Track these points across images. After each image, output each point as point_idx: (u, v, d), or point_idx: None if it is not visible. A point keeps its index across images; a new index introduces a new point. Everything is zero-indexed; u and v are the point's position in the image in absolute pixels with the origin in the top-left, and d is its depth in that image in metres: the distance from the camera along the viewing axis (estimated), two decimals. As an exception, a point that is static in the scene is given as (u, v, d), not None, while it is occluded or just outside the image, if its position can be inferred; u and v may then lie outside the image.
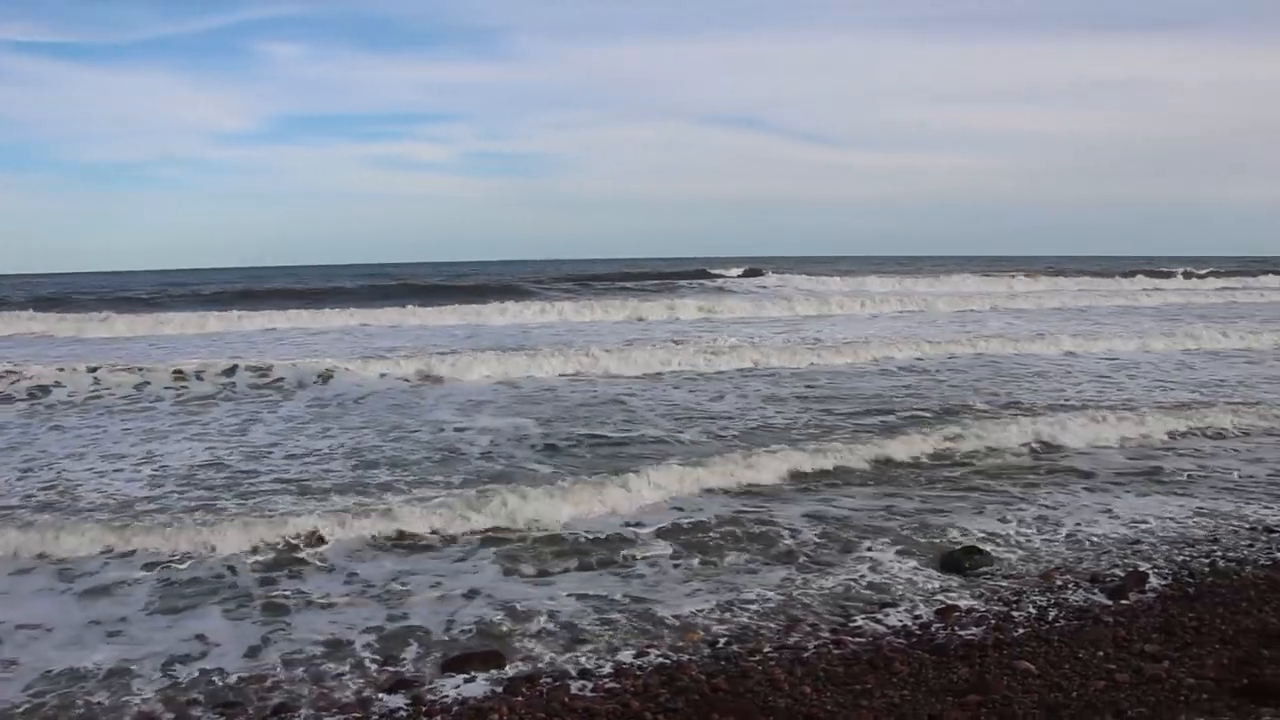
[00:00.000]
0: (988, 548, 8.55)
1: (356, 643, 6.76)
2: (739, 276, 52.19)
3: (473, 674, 6.24)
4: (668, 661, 6.38)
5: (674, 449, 12.26)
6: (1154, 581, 7.70)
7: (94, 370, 17.68)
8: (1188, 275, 59.87)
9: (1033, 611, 7.12)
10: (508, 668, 6.37)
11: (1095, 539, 8.98)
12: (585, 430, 13.47)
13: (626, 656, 6.50)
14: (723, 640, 6.75)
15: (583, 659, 6.49)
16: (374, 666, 6.43)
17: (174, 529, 8.69)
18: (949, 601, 7.37)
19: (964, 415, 14.33)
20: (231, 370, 17.95)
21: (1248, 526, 9.31)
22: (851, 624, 6.98)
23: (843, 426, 13.64)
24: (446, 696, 5.95)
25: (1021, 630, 6.74)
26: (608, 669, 6.31)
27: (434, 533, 8.92)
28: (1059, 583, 7.77)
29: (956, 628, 6.82)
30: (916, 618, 7.08)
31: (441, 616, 7.20)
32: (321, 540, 8.60)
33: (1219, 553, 8.48)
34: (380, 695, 6.01)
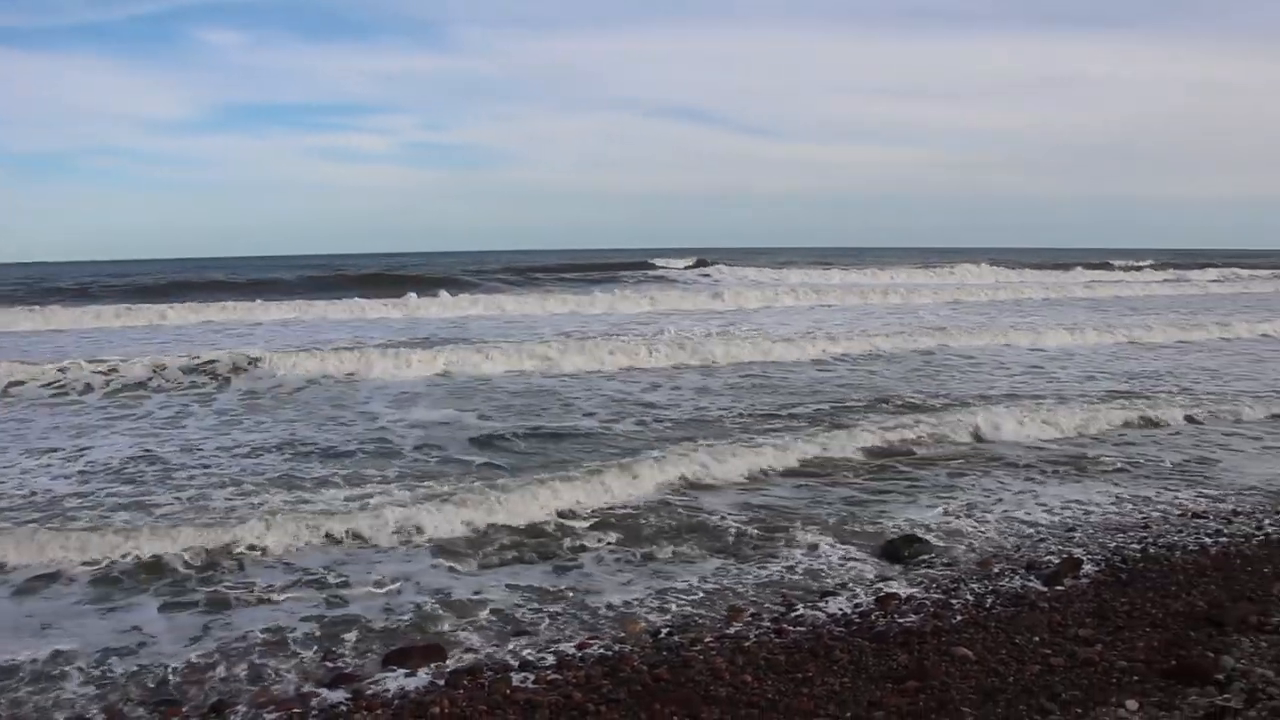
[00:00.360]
0: (926, 536, 8.66)
1: (296, 637, 6.66)
2: (683, 269, 52.22)
3: (413, 667, 6.17)
4: (609, 652, 6.36)
5: (610, 440, 12.25)
6: (1088, 568, 7.84)
7: (18, 364, 17.17)
8: (1126, 268, 61.26)
9: (970, 598, 7.22)
10: (449, 660, 6.32)
11: (1030, 527, 9.13)
12: (521, 422, 13.40)
13: (568, 648, 6.48)
14: (664, 630, 6.75)
15: (524, 651, 6.46)
16: (314, 661, 6.34)
17: (106, 533, 8.43)
18: (889, 590, 7.44)
19: (898, 406, 14.52)
20: (162, 366, 17.49)
21: (1177, 513, 9.52)
22: (793, 613, 7.02)
23: (777, 416, 13.73)
24: (387, 690, 5.88)
25: (960, 617, 6.83)
26: (549, 660, 6.28)
27: (369, 530, 8.78)
28: (996, 570, 7.89)
29: (896, 615, 6.89)
30: (856, 606, 7.14)
31: (381, 611, 7.12)
32: (260, 537, 8.44)
33: (1150, 539, 8.66)
34: (320, 690, 5.93)
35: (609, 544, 8.59)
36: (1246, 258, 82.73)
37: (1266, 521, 9.16)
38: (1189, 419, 13.91)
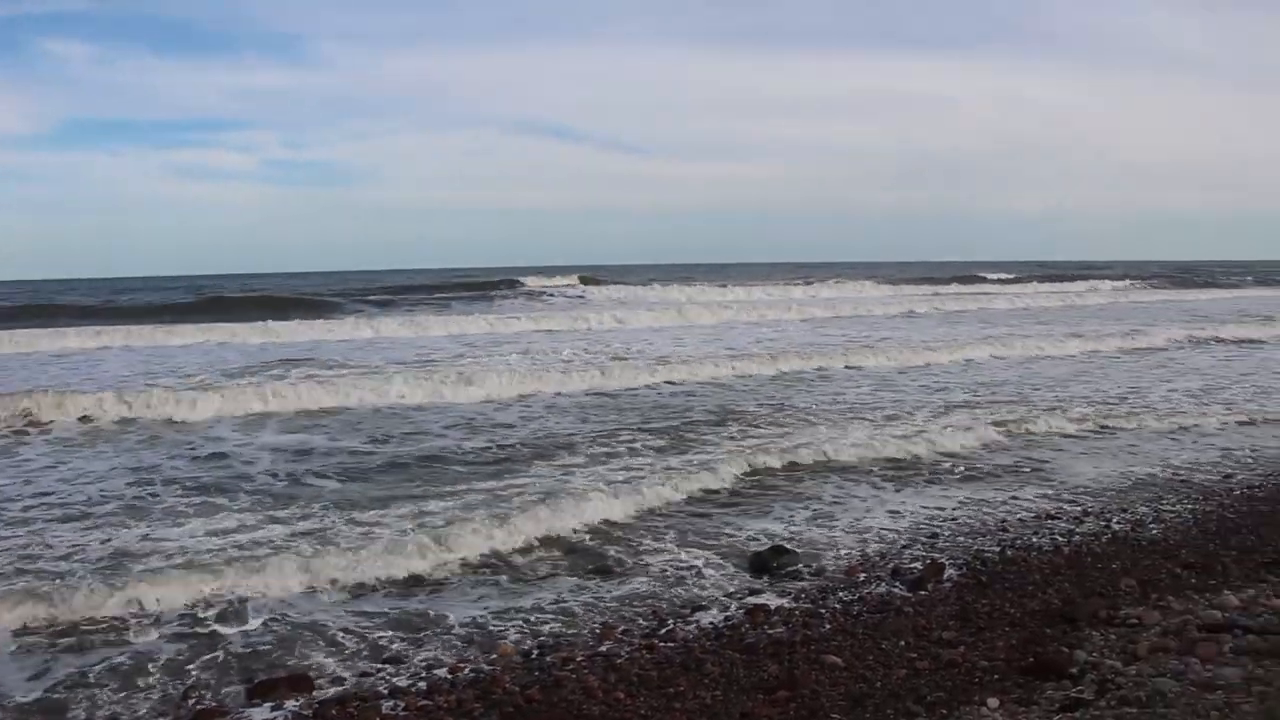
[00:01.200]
0: (793, 548, 8.75)
1: (153, 673, 6.34)
2: (552, 286, 52.11)
3: (280, 699, 5.94)
4: (481, 675, 6.24)
5: (466, 464, 12.10)
6: (950, 572, 8.05)
7: None
8: (999, 280, 63.86)
9: (838, 607, 7.32)
10: (316, 691, 6.10)
11: (893, 534, 9.33)
12: (370, 448, 13.15)
13: (440, 673, 6.33)
14: (536, 650, 6.66)
15: (394, 678, 6.29)
16: (173, 699, 6.03)
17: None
18: (758, 602, 7.49)
19: (748, 422, 14.77)
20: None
21: (1031, 515, 9.87)
22: (663, 628, 7.00)
23: (628, 438, 13.71)
24: (250, 725, 5.64)
25: (828, 625, 6.92)
26: (420, 686, 6.12)
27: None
28: (862, 578, 8.03)
29: (766, 626, 6.94)
30: (727, 619, 7.17)
31: (244, 644, 6.84)
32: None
33: (1008, 541, 8.95)
34: (180, 729, 5.65)
35: (474, 565, 8.44)
36: (1097, 269, 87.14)
37: (1114, 520, 9.57)
38: (1033, 430, 14.40)
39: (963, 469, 11.98)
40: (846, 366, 21.79)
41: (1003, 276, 68.39)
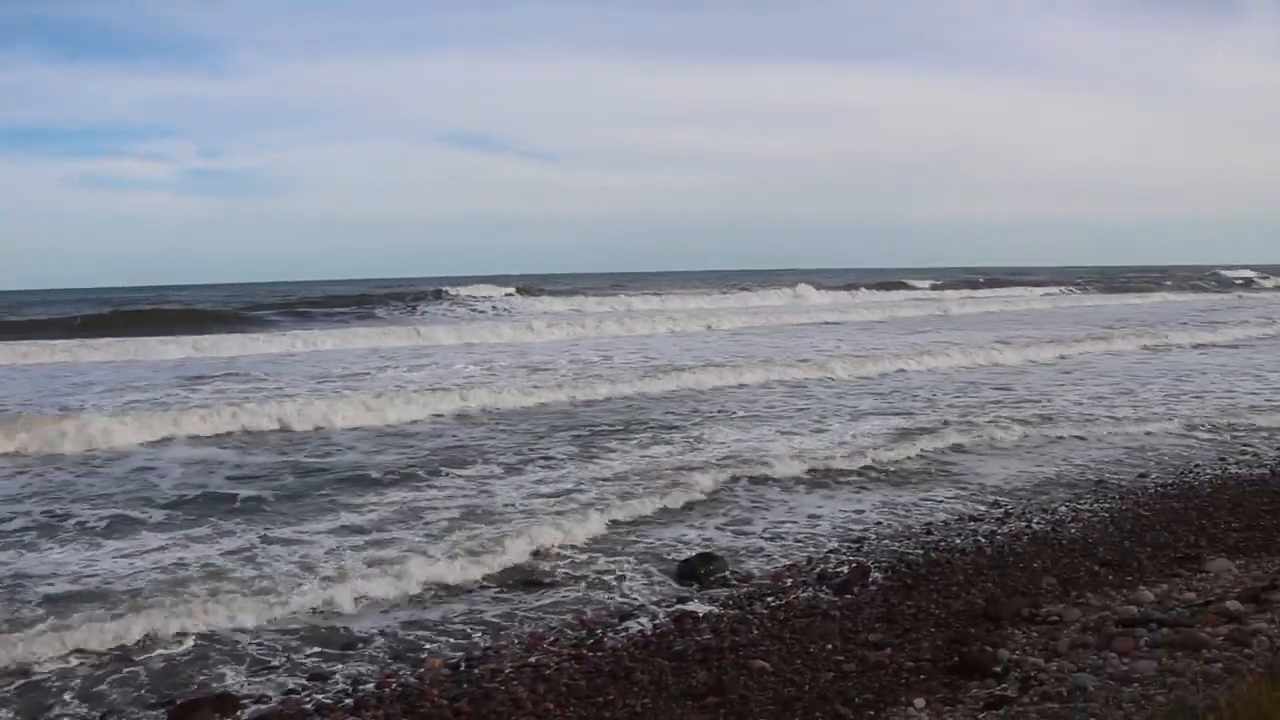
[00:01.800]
0: (721, 555, 8.76)
1: (68, 699, 6.12)
2: (475, 297, 51.30)
3: (201, 722, 5.78)
4: (408, 689, 6.14)
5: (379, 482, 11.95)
6: (876, 575, 8.13)
7: None
8: (932, 288, 65.12)
9: (765, 612, 7.35)
10: (240, 712, 5.95)
11: (819, 539, 9.39)
12: (283, 466, 12.91)
13: (367, 688, 6.23)
14: (464, 663, 6.57)
15: (319, 694, 6.17)
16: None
17: None
18: (686, 609, 7.48)
19: (658, 428, 14.85)
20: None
21: (955, 517, 10.02)
22: (592, 638, 6.96)
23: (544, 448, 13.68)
24: (165, 750, 5.47)
25: (756, 631, 6.93)
26: (347, 702, 6.01)
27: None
28: (788, 583, 8.07)
29: (694, 633, 6.93)
30: (656, 627, 7.16)
31: (164, 664, 6.64)
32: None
33: (932, 543, 9.07)
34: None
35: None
36: (1031, 274, 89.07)
37: (1035, 521, 9.75)
38: (940, 443, 14.66)
39: (876, 474, 12.08)
40: (771, 382, 21.53)
41: (934, 282, 69.87)
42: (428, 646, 6.94)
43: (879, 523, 9.90)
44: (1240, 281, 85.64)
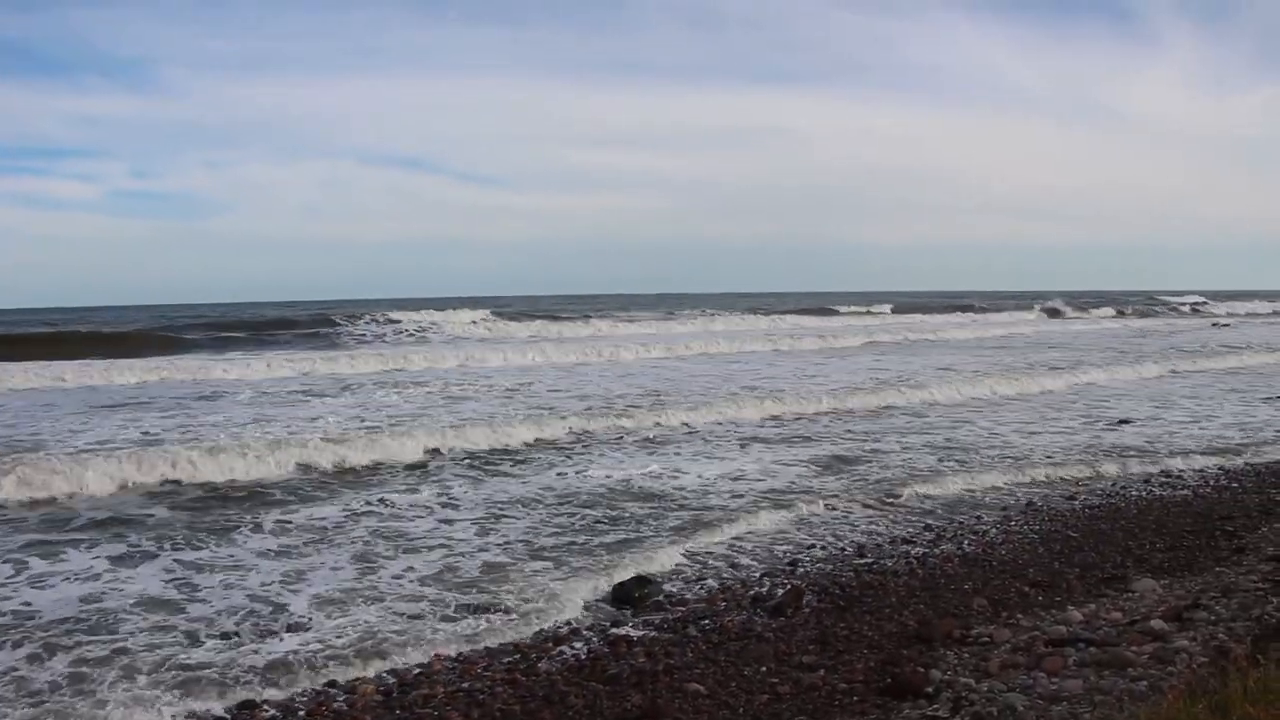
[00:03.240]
0: (656, 578, 8.73)
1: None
2: (416, 319, 50.38)
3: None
4: (340, 716, 6.03)
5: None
6: (810, 598, 8.15)
7: None
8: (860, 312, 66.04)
9: (700, 635, 7.33)
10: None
11: (752, 562, 9.40)
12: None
13: (298, 716, 6.09)
14: (397, 690, 6.46)
15: (241, 726, 6.02)
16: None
17: None
18: (620, 632, 7.44)
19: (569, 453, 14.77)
20: None
21: (888, 540, 10.09)
22: (525, 662, 6.88)
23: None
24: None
25: (690, 654, 6.92)
26: (271, 733, 5.87)
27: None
28: (723, 606, 8.05)
29: (628, 657, 6.89)
30: (590, 651, 7.10)
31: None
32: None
33: (865, 565, 9.12)
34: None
35: (316, 596, 8.15)
36: (956, 299, 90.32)
37: (966, 543, 9.87)
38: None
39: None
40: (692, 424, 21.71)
41: (876, 308, 70.91)
42: (360, 671, 6.79)
43: (812, 545, 9.94)
44: (1186, 308, 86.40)
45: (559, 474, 13.29)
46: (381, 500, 11.69)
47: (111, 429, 16.62)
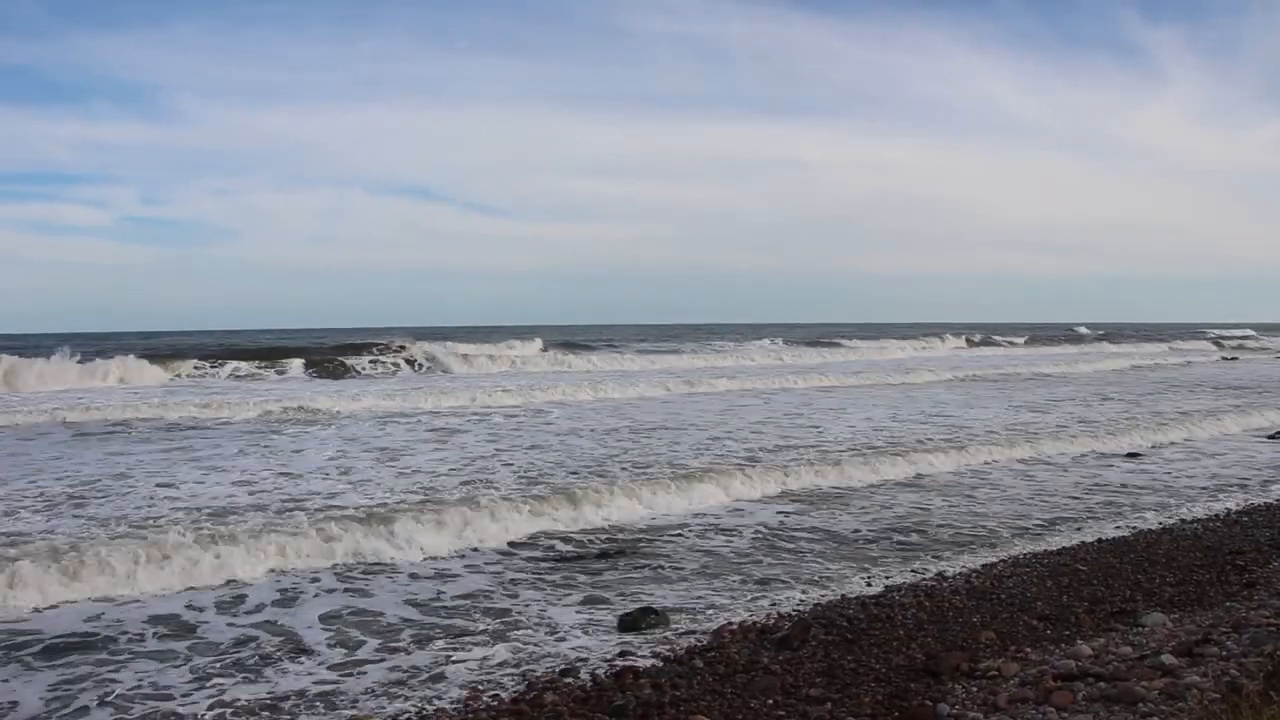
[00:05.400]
0: (664, 609, 8.70)
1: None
2: (430, 351, 49.93)
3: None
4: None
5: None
6: (817, 630, 8.09)
7: None
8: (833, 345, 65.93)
9: (706, 667, 7.28)
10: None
11: (765, 594, 9.35)
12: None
13: None
14: (402, 718, 6.42)
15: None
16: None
17: None
18: (627, 663, 7.40)
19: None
20: None
21: (897, 572, 10.04)
22: (531, 692, 6.84)
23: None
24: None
25: (697, 685, 6.86)
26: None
27: None
28: (730, 638, 8.00)
29: (635, 688, 6.84)
30: (596, 680, 7.06)
31: None
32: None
33: (872, 598, 9.07)
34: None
35: (327, 627, 8.14)
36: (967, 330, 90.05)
37: (973, 576, 9.81)
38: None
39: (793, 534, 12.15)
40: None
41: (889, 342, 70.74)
42: (360, 700, 6.77)
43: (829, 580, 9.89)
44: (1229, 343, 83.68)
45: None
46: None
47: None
